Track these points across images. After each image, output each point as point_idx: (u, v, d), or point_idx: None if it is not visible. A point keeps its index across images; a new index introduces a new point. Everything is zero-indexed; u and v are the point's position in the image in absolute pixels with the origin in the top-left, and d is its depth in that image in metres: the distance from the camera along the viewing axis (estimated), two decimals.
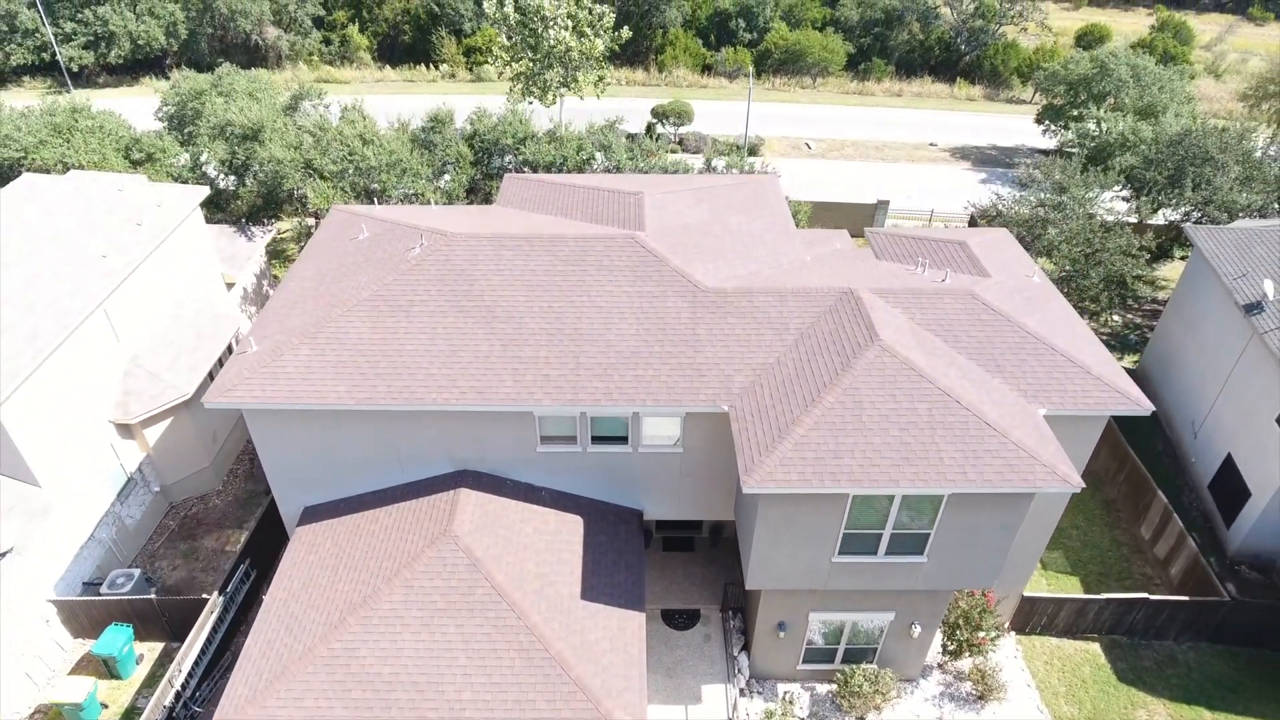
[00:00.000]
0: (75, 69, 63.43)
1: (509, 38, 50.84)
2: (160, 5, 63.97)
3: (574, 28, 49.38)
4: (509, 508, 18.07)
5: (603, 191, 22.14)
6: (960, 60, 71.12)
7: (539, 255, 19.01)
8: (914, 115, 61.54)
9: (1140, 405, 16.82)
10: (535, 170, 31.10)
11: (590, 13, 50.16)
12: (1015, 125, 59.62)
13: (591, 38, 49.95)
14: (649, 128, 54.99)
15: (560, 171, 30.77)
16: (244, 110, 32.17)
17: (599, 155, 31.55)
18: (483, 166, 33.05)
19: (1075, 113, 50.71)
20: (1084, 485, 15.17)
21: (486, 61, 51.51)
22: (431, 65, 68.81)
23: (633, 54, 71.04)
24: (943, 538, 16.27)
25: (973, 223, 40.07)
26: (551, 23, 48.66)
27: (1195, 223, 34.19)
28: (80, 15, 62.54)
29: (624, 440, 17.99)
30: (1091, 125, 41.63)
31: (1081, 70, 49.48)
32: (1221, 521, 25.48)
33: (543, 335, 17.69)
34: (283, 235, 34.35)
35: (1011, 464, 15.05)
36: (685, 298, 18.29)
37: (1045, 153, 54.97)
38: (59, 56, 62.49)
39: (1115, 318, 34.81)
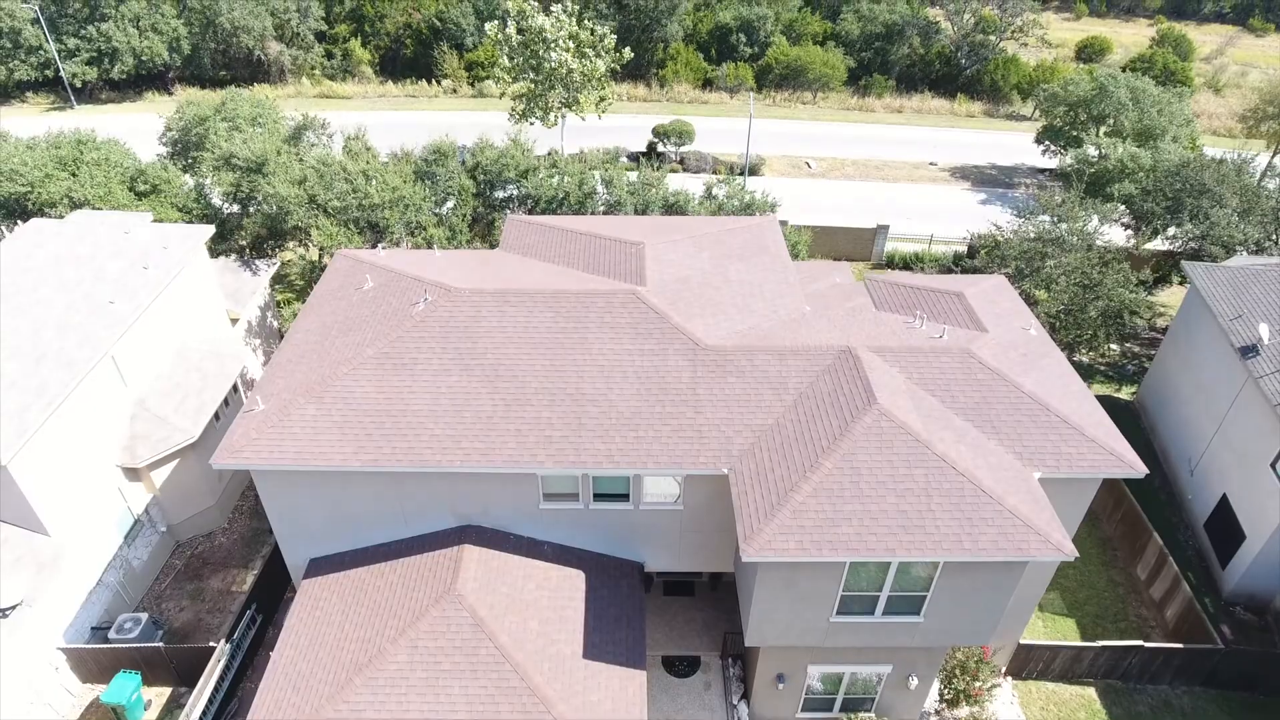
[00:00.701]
0: (79, 85, 63.71)
1: (510, 58, 51.13)
2: (163, 21, 64.23)
3: (576, 49, 49.66)
4: (512, 564, 18.33)
5: (604, 240, 22.38)
6: (961, 75, 71.32)
7: (541, 311, 19.27)
8: (914, 132, 61.75)
9: (1134, 469, 17.06)
10: (538, 204, 31.34)
11: (592, 33, 50.43)
12: (1015, 143, 59.82)
13: (593, 59, 50.23)
14: (650, 147, 55.26)
15: (563, 205, 31.01)
16: (247, 142, 32.40)
17: (600, 188, 31.77)
18: (485, 198, 33.29)
19: (1075, 134, 50.97)
20: (1077, 554, 15.42)
21: (488, 77, 51.87)
22: (433, 80, 69.05)
23: (634, 68, 71.24)
24: (939, 599, 16.53)
25: (971, 253, 40.31)
26: (553, 44, 48.94)
27: (1192, 257, 34.40)
28: (83, 31, 62.80)
29: (625, 498, 18.26)
30: (1091, 150, 41.83)
31: (1081, 92, 49.67)
32: (1216, 561, 25.73)
33: (545, 395, 17.95)
34: (287, 264, 34.59)
35: (1006, 532, 15.30)
36: (686, 356, 18.55)
37: (1045, 172, 55.26)
38: (62, 73, 62.76)
39: (1113, 347, 35.04)
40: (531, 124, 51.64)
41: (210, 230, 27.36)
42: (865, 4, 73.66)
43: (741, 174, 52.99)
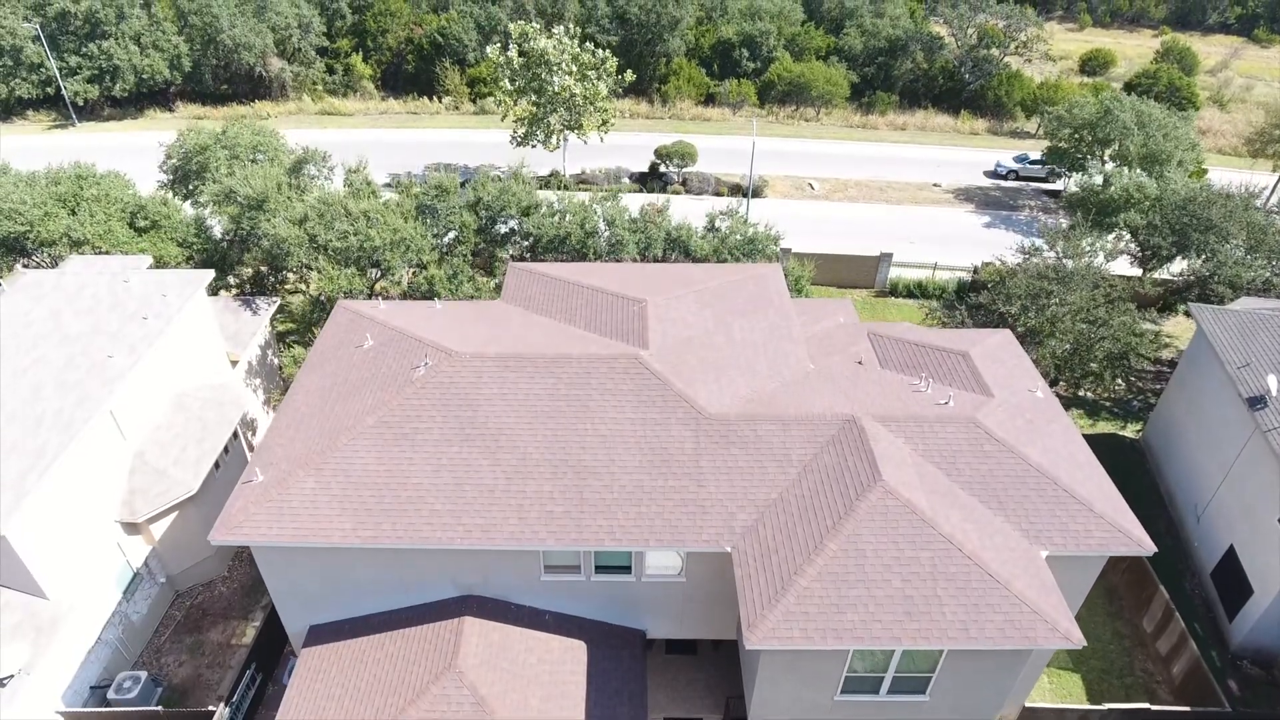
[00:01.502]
0: (80, 103, 63.62)
1: (512, 80, 50.96)
2: (164, 39, 64.13)
3: (578, 71, 49.48)
4: (512, 636, 18.17)
5: (606, 295, 22.19)
6: (964, 90, 71.06)
7: (543, 377, 19.10)
8: (918, 151, 61.52)
9: (1143, 548, 16.87)
10: (539, 241, 31.15)
11: (594, 55, 50.24)
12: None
13: (594, 81, 50.04)
14: (653, 168, 55.07)
15: (565, 244, 30.80)
16: (248, 179, 32.24)
17: (602, 225, 31.58)
18: (487, 233, 33.11)
19: (1080, 157, 50.75)
20: (1085, 643, 15.24)
21: (490, 93, 51.60)
22: (435, 97, 68.89)
23: (635, 83, 70.99)
24: (945, 680, 16.36)
25: (976, 287, 39.89)
26: (555, 68, 48.76)
27: (1199, 296, 34.15)
28: (85, 49, 62.69)
29: (627, 570, 18.09)
30: (1096, 179, 41.58)
31: (1086, 114, 49.43)
32: (1224, 612, 25.52)
33: (546, 467, 17.77)
34: (288, 302, 34.43)
35: (1013, 619, 15.11)
36: (689, 425, 18.37)
37: (1049, 194, 55.03)
38: (63, 90, 62.68)
39: (1119, 382, 34.76)
40: (533, 147, 51.52)
41: (209, 275, 27.21)
42: (868, 19, 73.41)
43: (745, 195, 52.85)
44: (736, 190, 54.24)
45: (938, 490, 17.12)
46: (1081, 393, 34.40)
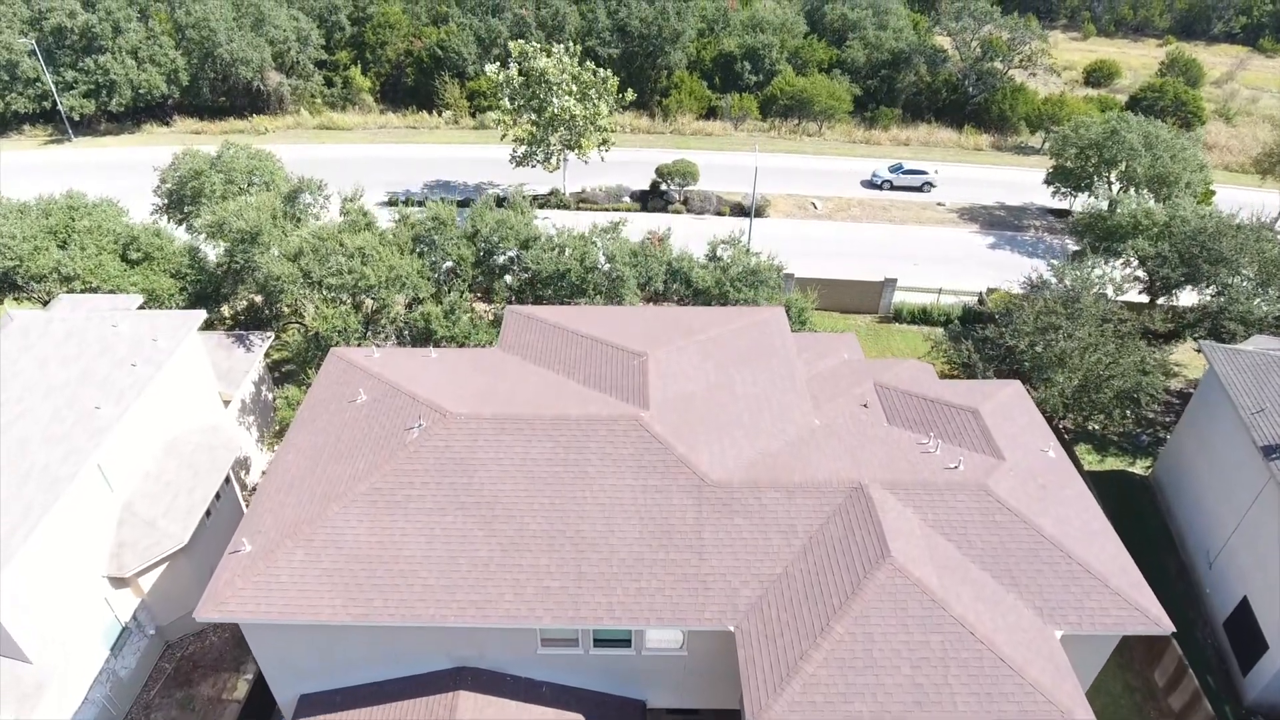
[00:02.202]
0: (76, 118, 63.08)
1: (511, 100, 50.39)
2: (161, 53, 63.55)
3: (578, 91, 48.91)
4: (508, 709, 17.63)
5: (606, 347, 21.64)
6: (968, 104, 70.44)
7: (540, 440, 18.54)
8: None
9: (1160, 626, 16.31)
10: (538, 277, 30.58)
11: (594, 74, 49.66)
12: (1023, 179, 58.96)
13: (595, 101, 49.47)
14: (654, 186, 54.48)
15: (565, 279, 30.18)
16: (241, 212, 31.67)
17: (602, 258, 30.98)
18: (485, 265, 32.55)
19: (1086, 177, 50.14)
20: None
21: (490, 106, 51.04)
22: (434, 111, 68.31)
23: (636, 95, 70.39)
24: None
25: (981, 318, 39.22)
26: (556, 88, 48.20)
27: (1210, 332, 33.54)
28: (81, 64, 62.16)
29: (627, 644, 17.54)
30: (1103, 204, 40.96)
31: (1092, 134, 48.82)
32: (1237, 666, 24.95)
33: (544, 539, 17.22)
34: (284, 332, 33.89)
35: (1027, 710, 14.56)
36: (690, 494, 17.81)
37: (1054, 213, 54.41)
38: (60, 105, 62.14)
39: (1127, 415, 34.07)
40: (533, 167, 50.94)
41: (200, 316, 26.64)
42: (871, 31, 72.79)
43: (747, 214, 52.27)
44: (739, 209, 53.66)
45: (949, 566, 16.56)
46: (1090, 425, 33.83)
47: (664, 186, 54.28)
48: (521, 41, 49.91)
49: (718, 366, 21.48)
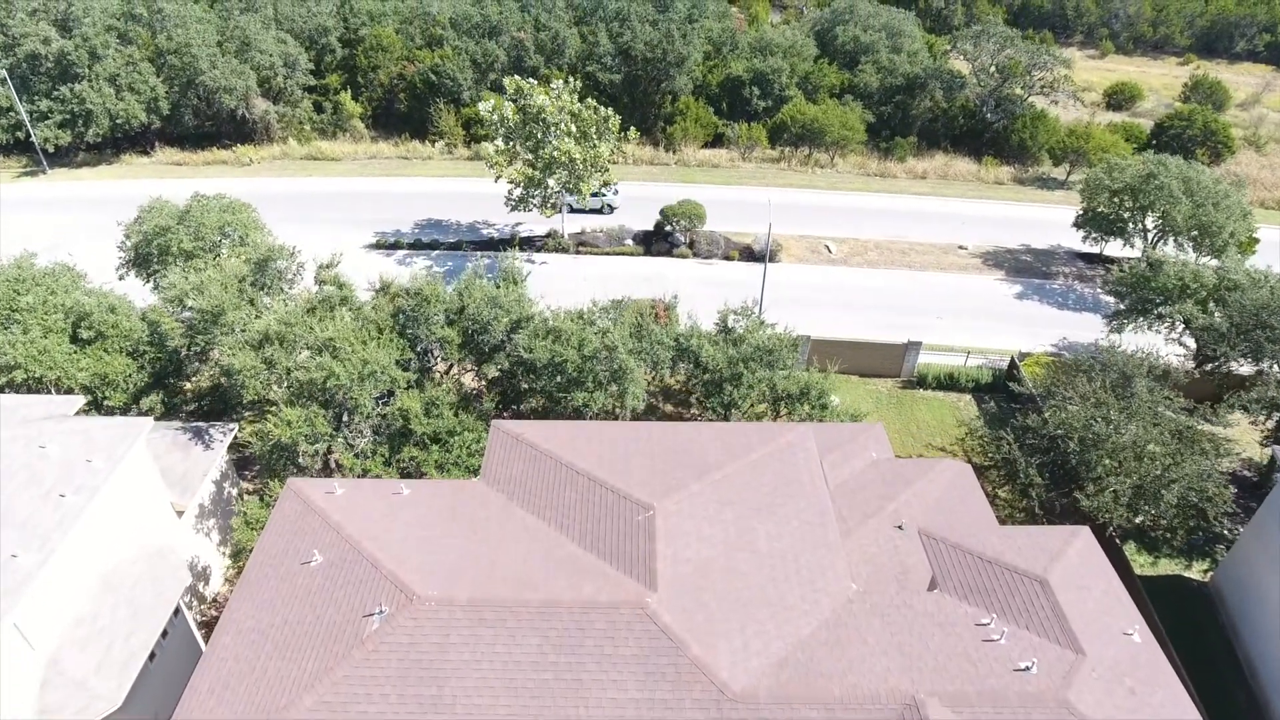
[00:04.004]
0: (51, 149, 59.95)
1: (506, 140, 47.24)
2: (140, 80, 60.35)
3: (578, 130, 45.74)
4: None
5: (607, 492, 18.48)
6: (986, 131, 67.22)
7: (526, 635, 15.38)
8: (940, 205, 57.70)
9: None
10: (533, 368, 27.39)
11: (596, 113, 46.47)
12: (1049, 218, 55.76)
13: (595, 140, 46.30)
14: (658, 228, 51.28)
15: (562, 370, 26.96)
16: (203, 289, 28.51)
17: (600, 344, 27.72)
18: (473, 346, 29.39)
19: (1121, 223, 46.97)
20: None
21: (486, 136, 48.03)
22: (428, 140, 65.13)
23: (640, 123, 67.14)
24: None
25: (1010, 377, 36.05)
26: (554, 127, 45.04)
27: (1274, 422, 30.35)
28: (56, 92, 59.02)
29: None
30: (1136, 252, 37.65)
31: (1128, 177, 45.62)
32: None
33: None
34: (247, 440, 30.49)
35: None
36: (708, 711, 14.63)
37: (1084, 257, 51.20)
38: (33, 136, 59.01)
39: (1195, 530, 30.39)
40: (529, 211, 47.76)
41: (146, 425, 23.49)
42: (885, 54, 69.55)
43: (756, 258, 49.10)
44: (748, 253, 50.51)
45: None
46: (1138, 519, 30.65)
47: (669, 228, 51.07)
48: (518, 77, 46.74)
49: (737, 518, 18.30)
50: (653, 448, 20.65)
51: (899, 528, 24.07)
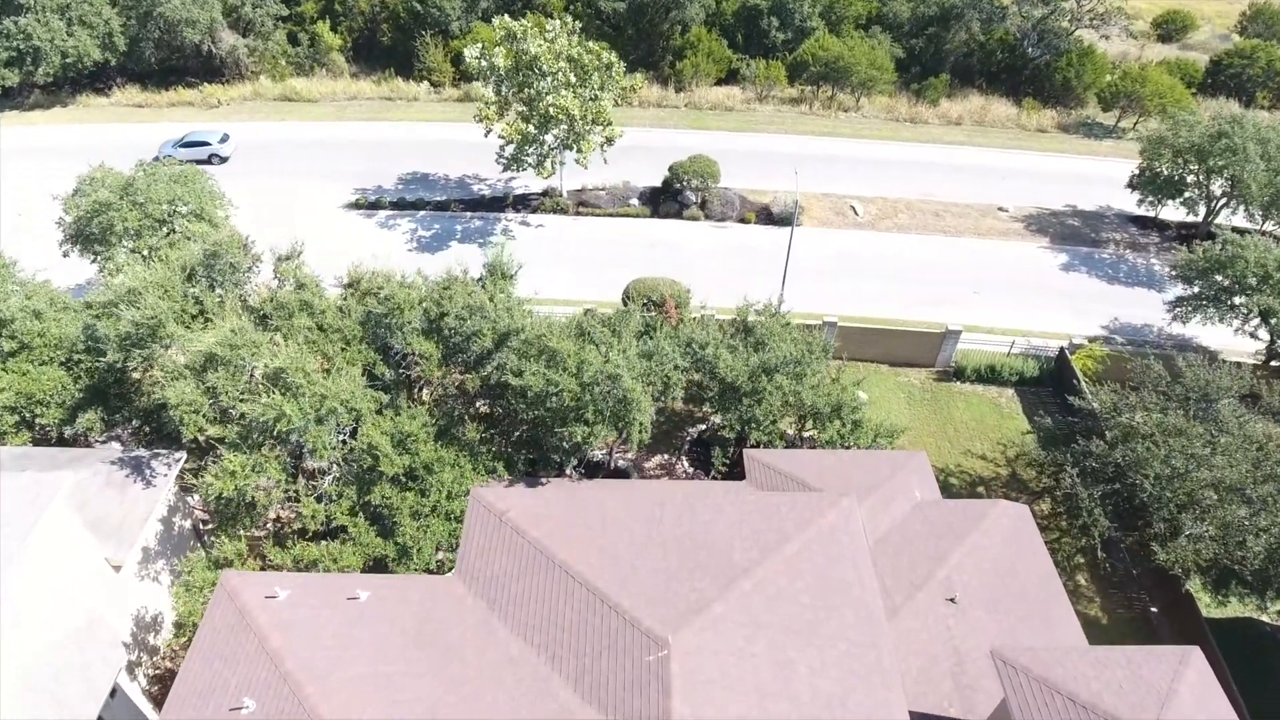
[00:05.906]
0: None
1: (497, 90, 42.04)
2: (93, 12, 54.40)
3: (578, 81, 40.50)
4: None
5: (608, 610, 14.87)
6: (1027, 67, 61.13)
7: None
8: (976, 156, 52.44)
9: None
10: (524, 395, 23.39)
11: (599, 59, 41.07)
12: (1096, 172, 50.58)
13: (596, 90, 41.08)
14: (666, 185, 46.31)
15: (556, 399, 22.96)
16: (138, 297, 24.30)
17: (601, 367, 23.61)
18: (455, 359, 25.41)
19: (1183, 185, 42.10)
20: None
21: (477, 75, 42.74)
22: (414, 77, 59.33)
23: (647, 59, 61.30)
24: None
25: (1059, 373, 31.81)
26: (550, 76, 39.82)
27: None
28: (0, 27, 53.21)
29: None
30: (1216, 249, 33.13)
31: (1194, 136, 40.53)
32: None
33: None
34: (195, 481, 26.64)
35: None
36: None
37: (1137, 220, 46.38)
38: None
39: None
40: (523, 170, 42.86)
41: (64, 482, 19.81)
42: None
43: (774, 221, 44.43)
44: (765, 214, 45.80)
45: None
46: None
47: (679, 186, 46.10)
48: (508, 18, 41.20)
49: (771, 649, 14.71)
50: (665, 535, 16.92)
51: (952, 600, 20.71)
